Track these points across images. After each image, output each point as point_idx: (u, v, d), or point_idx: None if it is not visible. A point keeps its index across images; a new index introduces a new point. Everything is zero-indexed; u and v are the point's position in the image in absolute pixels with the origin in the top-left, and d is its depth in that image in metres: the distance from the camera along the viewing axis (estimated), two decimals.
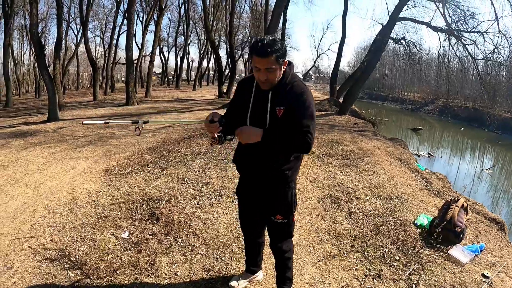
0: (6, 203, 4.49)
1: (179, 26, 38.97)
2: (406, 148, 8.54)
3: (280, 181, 2.05)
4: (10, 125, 12.51)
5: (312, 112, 1.94)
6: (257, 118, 1.99)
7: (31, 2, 11.88)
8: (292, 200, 2.12)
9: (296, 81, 1.97)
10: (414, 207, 4.23)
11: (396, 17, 12.98)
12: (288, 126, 1.91)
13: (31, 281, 2.66)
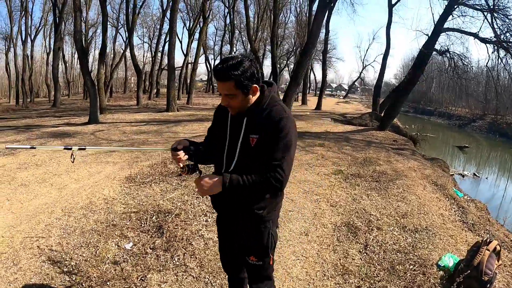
0: (29, 201, 4.83)
1: (225, 35, 40.38)
2: (446, 170, 8.03)
3: (253, 221, 1.86)
4: (53, 125, 13.51)
5: (288, 143, 1.71)
6: (233, 147, 1.83)
7: (75, 11, 12.98)
8: (268, 242, 1.89)
9: (275, 106, 1.77)
10: (442, 243, 3.88)
11: (440, 28, 12.47)
12: (261, 158, 1.73)
13: (30, 279, 2.87)
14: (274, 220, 1.93)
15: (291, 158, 1.74)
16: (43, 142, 9.51)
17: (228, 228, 2.05)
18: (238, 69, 1.65)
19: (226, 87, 1.68)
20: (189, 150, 1.86)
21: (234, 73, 1.65)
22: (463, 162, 16.51)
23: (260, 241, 1.89)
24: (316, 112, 21.33)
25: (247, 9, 21.44)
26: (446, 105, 41.13)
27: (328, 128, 12.22)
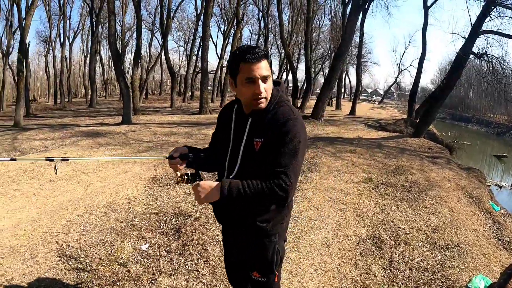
0: (54, 197, 4.98)
1: (259, 39, 40.59)
2: (483, 181, 7.50)
3: (256, 235, 1.72)
4: (87, 125, 14.08)
5: (295, 148, 1.54)
6: (236, 153, 1.69)
7: (109, 15, 13.48)
8: (273, 257, 1.75)
9: (282, 106, 1.62)
10: (473, 262, 3.57)
11: (477, 30, 11.82)
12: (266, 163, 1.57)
13: (44, 273, 2.94)
14: (280, 233, 1.78)
15: (298, 165, 1.56)
16: (75, 141, 9.88)
17: (231, 240, 1.92)
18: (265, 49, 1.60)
19: (266, 66, 1.55)
20: (188, 157, 1.75)
21: (266, 52, 1.57)
22: (501, 172, 15.77)
23: (264, 256, 1.74)
24: (349, 117, 20.91)
25: (280, 12, 21.48)
26: (484, 111, 39.56)
27: (361, 134, 11.90)
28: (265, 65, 1.55)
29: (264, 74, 1.55)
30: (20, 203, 4.67)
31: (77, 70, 47.48)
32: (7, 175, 5.89)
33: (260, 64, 1.54)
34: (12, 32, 26.56)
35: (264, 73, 1.55)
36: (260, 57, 1.53)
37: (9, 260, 3.12)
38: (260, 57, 1.53)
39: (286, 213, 1.77)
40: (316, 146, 8.54)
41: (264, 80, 1.56)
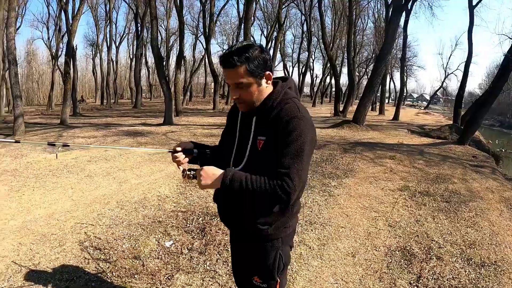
0: (90, 191, 5.22)
1: (302, 42, 40.42)
2: None
3: (258, 238, 1.66)
4: (130, 124, 14.67)
5: (300, 148, 1.46)
6: (241, 152, 1.64)
7: (152, 20, 14.04)
8: (275, 263, 1.67)
9: (288, 103, 1.55)
10: (510, 283, 3.30)
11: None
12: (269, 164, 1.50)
13: (69, 260, 3.11)
14: (285, 239, 1.70)
15: (303, 167, 1.47)
16: (116, 139, 10.34)
17: (236, 243, 1.88)
18: (248, 51, 1.47)
19: (236, 74, 1.48)
20: (192, 153, 1.73)
21: (245, 56, 1.46)
22: None
23: (264, 261, 1.67)
24: (393, 122, 20.17)
25: (321, 15, 21.27)
26: None
27: (403, 139, 11.43)
28: (240, 72, 1.49)
29: (234, 81, 1.51)
30: (57, 195, 4.94)
31: (124, 72, 49.83)
32: (49, 169, 6.27)
33: (231, 72, 1.50)
34: (61, 36, 28.42)
35: (234, 80, 1.51)
36: (232, 65, 1.48)
37: (39, 246, 3.33)
38: (232, 65, 1.48)
39: (290, 217, 1.69)
40: (354, 151, 8.32)
41: (238, 86, 1.52)
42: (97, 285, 2.76)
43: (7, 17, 12.38)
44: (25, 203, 4.65)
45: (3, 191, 5.16)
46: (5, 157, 7.47)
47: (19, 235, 3.60)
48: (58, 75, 28.29)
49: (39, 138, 10.69)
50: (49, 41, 34.33)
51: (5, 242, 3.42)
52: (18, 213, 4.28)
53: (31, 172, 6.16)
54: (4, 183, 5.57)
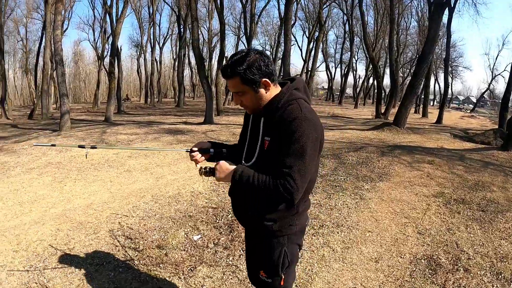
0: (128, 185, 5.51)
1: (345, 42, 39.74)
2: None
3: (264, 234, 1.73)
4: (171, 123, 15.18)
5: (301, 148, 1.51)
6: (251, 151, 1.73)
7: (192, 21, 14.43)
8: (279, 260, 1.73)
9: (292, 104, 1.60)
10: None
11: None
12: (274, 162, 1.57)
13: (101, 247, 3.34)
14: (291, 237, 1.75)
15: (305, 167, 1.52)
16: (157, 137, 10.77)
17: (247, 238, 1.97)
18: (243, 63, 1.56)
19: (233, 84, 1.61)
20: (208, 152, 1.84)
21: (238, 68, 1.56)
22: None
23: (269, 256, 1.74)
24: (435, 126, 19.30)
25: (362, 14, 20.84)
26: None
27: (444, 144, 10.92)
28: (235, 83, 1.61)
29: (233, 90, 1.65)
30: (97, 187, 5.27)
31: (167, 72, 51.55)
32: (91, 163, 6.68)
33: (230, 82, 1.63)
34: (106, 37, 29.95)
35: (233, 89, 1.65)
36: (229, 76, 1.61)
37: (75, 233, 3.61)
38: (229, 76, 1.61)
39: (296, 216, 1.73)
40: (392, 154, 8.10)
41: (237, 94, 1.64)
42: (124, 271, 2.95)
43: (54, 20, 13.27)
44: (66, 193, 5.02)
45: (46, 182, 5.59)
46: (50, 150, 8.05)
47: (58, 221, 3.91)
48: (104, 75, 29.83)
49: (84, 134, 11.36)
50: (95, 43, 36.43)
51: (44, 227, 3.74)
52: (59, 202, 4.63)
53: (74, 165, 6.60)
54: (48, 174, 6.02)
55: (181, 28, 27.22)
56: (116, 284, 2.78)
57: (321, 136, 1.62)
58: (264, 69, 1.59)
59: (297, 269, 3.14)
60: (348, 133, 12.53)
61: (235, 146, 1.95)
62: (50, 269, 2.94)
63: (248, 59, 1.57)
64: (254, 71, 1.57)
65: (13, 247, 3.27)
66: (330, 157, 7.52)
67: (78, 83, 51.72)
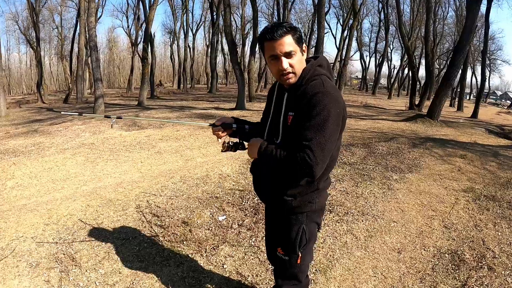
0: (157, 166, 5.65)
1: (380, 31, 38.55)
2: None
3: (284, 210, 1.73)
4: (203, 108, 15.38)
5: (322, 121, 1.48)
6: (273, 127, 1.73)
7: (225, 8, 14.45)
8: (297, 237, 1.73)
9: (315, 80, 1.59)
10: None
11: None
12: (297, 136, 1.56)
13: (128, 223, 3.46)
14: (310, 215, 1.75)
15: (325, 140, 1.49)
16: (188, 121, 10.90)
17: (267, 215, 1.98)
18: (289, 24, 1.57)
19: (287, 42, 1.54)
20: (230, 127, 1.84)
21: (292, 27, 1.56)
22: None
23: (287, 233, 1.75)
24: (470, 120, 18.46)
25: (398, 2, 20.02)
26: None
27: (477, 139, 10.45)
28: (288, 41, 1.55)
29: (285, 50, 1.56)
30: (127, 167, 5.44)
31: (200, 58, 51.98)
32: (123, 145, 6.89)
33: (281, 41, 1.54)
34: (139, 24, 30.41)
35: (285, 49, 1.55)
36: (281, 34, 1.54)
37: (104, 209, 3.74)
38: (281, 34, 1.54)
39: (316, 193, 1.72)
40: (424, 146, 7.86)
41: (288, 56, 1.57)
42: (148, 246, 3.05)
43: (88, 7, 13.63)
44: (98, 172, 5.21)
45: (79, 161, 5.82)
46: (84, 132, 8.37)
47: (88, 198, 4.07)
48: (138, 61, 30.49)
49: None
50: (128, 29, 37.21)
51: (75, 203, 3.90)
52: (90, 180, 4.82)
53: (106, 146, 6.84)
54: (82, 155, 6.27)
55: (214, 15, 27.23)
56: (140, 258, 2.87)
57: (344, 112, 1.59)
58: (303, 37, 1.63)
59: (318, 254, 3.14)
60: (380, 123, 12.26)
61: (257, 124, 1.94)
62: (78, 242, 3.07)
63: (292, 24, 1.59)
64: (300, 34, 1.59)
65: (44, 221, 3.43)
66: (360, 146, 7.39)
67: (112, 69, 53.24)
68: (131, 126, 9.61)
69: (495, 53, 41.54)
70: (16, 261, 2.75)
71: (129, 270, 2.71)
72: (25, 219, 3.45)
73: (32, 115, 14.81)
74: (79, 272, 2.67)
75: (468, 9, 11.99)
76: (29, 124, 11.51)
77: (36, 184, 5.05)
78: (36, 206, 3.92)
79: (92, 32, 13.12)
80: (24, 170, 5.59)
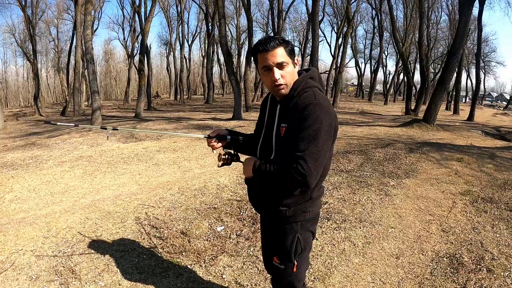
0: (155, 178, 5.66)
1: (374, 37, 38.93)
2: None
3: (279, 219, 1.76)
4: (200, 119, 15.42)
5: (314, 132, 1.52)
6: (267, 139, 1.76)
7: (219, 19, 14.61)
8: (293, 246, 1.76)
9: (307, 92, 1.62)
10: None
11: None
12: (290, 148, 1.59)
13: (127, 235, 3.49)
14: (304, 224, 1.78)
15: (318, 150, 1.53)
16: (185, 132, 10.94)
17: (262, 225, 2.01)
18: (283, 37, 1.64)
19: (279, 54, 1.60)
20: (225, 139, 1.86)
21: (285, 40, 1.62)
22: None
23: (282, 242, 1.78)
24: (467, 123, 18.56)
25: (391, 8, 20.28)
26: None
27: (474, 141, 10.52)
28: (280, 52, 1.61)
29: (277, 61, 1.61)
30: (126, 179, 5.46)
31: (197, 69, 52.27)
32: (121, 157, 6.91)
33: (274, 52, 1.60)
34: (136, 36, 30.60)
35: (277, 60, 1.61)
36: (274, 46, 1.60)
37: (103, 222, 3.76)
38: (274, 46, 1.60)
39: (310, 202, 1.76)
40: (420, 151, 7.91)
41: (280, 67, 1.62)
42: (147, 258, 3.07)
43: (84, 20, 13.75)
44: (96, 184, 5.22)
45: (77, 174, 5.83)
46: (82, 145, 8.39)
47: (87, 211, 4.08)
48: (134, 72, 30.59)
49: None
50: (125, 41, 37.45)
51: (74, 216, 3.91)
52: (89, 193, 4.83)
53: (104, 159, 6.86)
54: (80, 167, 6.28)
55: (209, 26, 27.49)
56: (140, 270, 2.89)
57: (335, 123, 1.63)
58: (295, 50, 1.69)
59: (316, 262, 3.16)
60: (376, 130, 12.31)
61: (251, 135, 1.98)
62: (78, 255, 3.09)
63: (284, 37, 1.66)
64: (292, 47, 1.66)
65: (44, 234, 3.45)
66: (357, 153, 7.43)
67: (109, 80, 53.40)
68: (128, 138, 9.63)
69: (489, 55, 41.96)
70: (16, 274, 2.76)
71: (129, 282, 2.72)
72: (24, 232, 3.47)
73: (30, 128, 14.81)
74: (79, 284, 2.68)
75: (460, 13, 12.15)
76: (26, 137, 11.51)
77: (35, 197, 5.06)
78: (35, 219, 3.93)
79: (89, 45, 13.21)
80: (23, 183, 5.60)
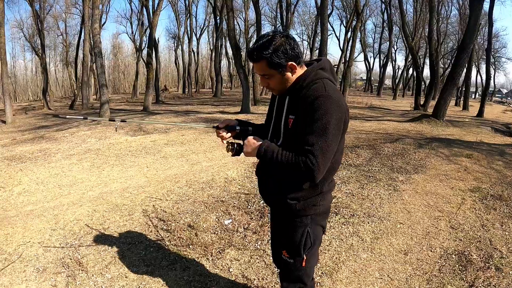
0: (163, 171, 5.67)
1: (383, 32, 38.51)
2: None
3: (288, 213, 1.73)
4: (208, 112, 15.42)
5: (324, 126, 1.48)
6: (276, 129, 1.74)
7: (228, 12, 14.48)
8: (301, 240, 1.73)
9: (316, 83, 1.58)
10: None
11: None
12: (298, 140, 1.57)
13: (134, 228, 3.48)
14: (314, 217, 1.74)
15: (327, 144, 1.50)
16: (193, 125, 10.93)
17: (272, 218, 1.98)
18: (269, 47, 1.54)
19: (260, 68, 1.60)
20: (234, 129, 1.85)
21: (264, 53, 1.54)
22: None
23: (292, 236, 1.75)
24: (476, 119, 18.31)
25: (400, 2, 20.02)
26: None
27: (484, 138, 10.35)
28: (261, 67, 1.60)
29: (260, 73, 1.64)
30: (133, 172, 5.47)
31: (205, 63, 52.16)
32: (129, 150, 6.93)
33: (256, 65, 1.62)
34: (144, 30, 30.59)
35: (260, 72, 1.64)
36: (256, 59, 1.60)
37: (111, 214, 3.76)
38: (256, 59, 1.60)
39: (320, 196, 1.72)
40: (429, 147, 7.82)
41: (264, 76, 1.64)
42: (154, 250, 3.06)
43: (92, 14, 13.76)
44: (104, 177, 5.24)
45: (85, 167, 5.86)
46: (90, 138, 8.43)
47: (95, 203, 4.10)
48: (142, 66, 30.60)
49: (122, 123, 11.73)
50: (133, 35, 37.44)
51: (81, 208, 3.93)
52: (97, 185, 4.85)
53: (112, 152, 6.88)
54: (88, 160, 6.31)
55: (217, 19, 27.37)
56: (147, 263, 2.88)
57: (346, 116, 1.59)
58: (290, 52, 1.57)
59: (324, 257, 3.13)
60: (385, 124, 12.21)
61: (261, 125, 1.95)
62: (85, 247, 3.09)
63: (274, 43, 1.54)
64: (280, 55, 1.55)
65: (51, 226, 3.46)
66: (366, 147, 7.36)
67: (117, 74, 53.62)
68: (136, 131, 9.66)
69: (499, 51, 41.30)
70: (23, 266, 2.77)
71: (136, 275, 2.72)
72: (32, 225, 3.49)
73: (38, 121, 14.96)
74: (85, 276, 2.68)
75: (471, 8, 11.95)
76: (35, 131, 11.62)
77: (43, 190, 5.10)
78: (42, 212, 3.95)
79: (97, 39, 13.23)
80: (31, 176, 5.65)
